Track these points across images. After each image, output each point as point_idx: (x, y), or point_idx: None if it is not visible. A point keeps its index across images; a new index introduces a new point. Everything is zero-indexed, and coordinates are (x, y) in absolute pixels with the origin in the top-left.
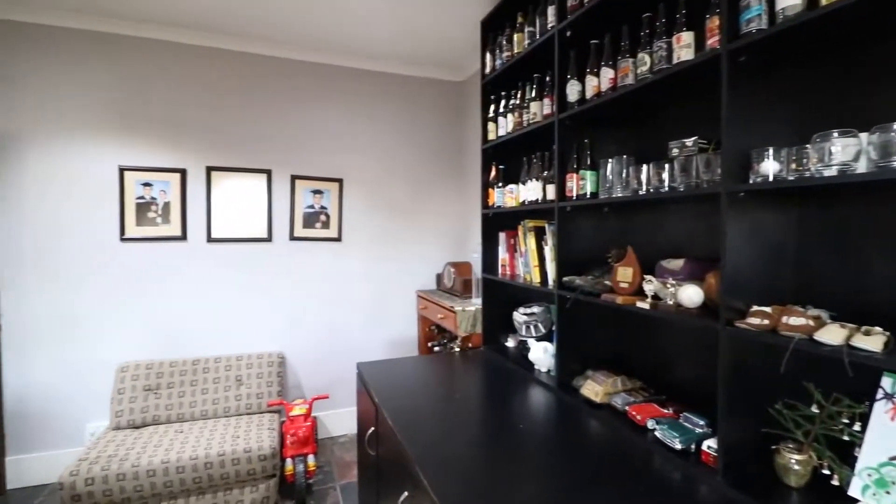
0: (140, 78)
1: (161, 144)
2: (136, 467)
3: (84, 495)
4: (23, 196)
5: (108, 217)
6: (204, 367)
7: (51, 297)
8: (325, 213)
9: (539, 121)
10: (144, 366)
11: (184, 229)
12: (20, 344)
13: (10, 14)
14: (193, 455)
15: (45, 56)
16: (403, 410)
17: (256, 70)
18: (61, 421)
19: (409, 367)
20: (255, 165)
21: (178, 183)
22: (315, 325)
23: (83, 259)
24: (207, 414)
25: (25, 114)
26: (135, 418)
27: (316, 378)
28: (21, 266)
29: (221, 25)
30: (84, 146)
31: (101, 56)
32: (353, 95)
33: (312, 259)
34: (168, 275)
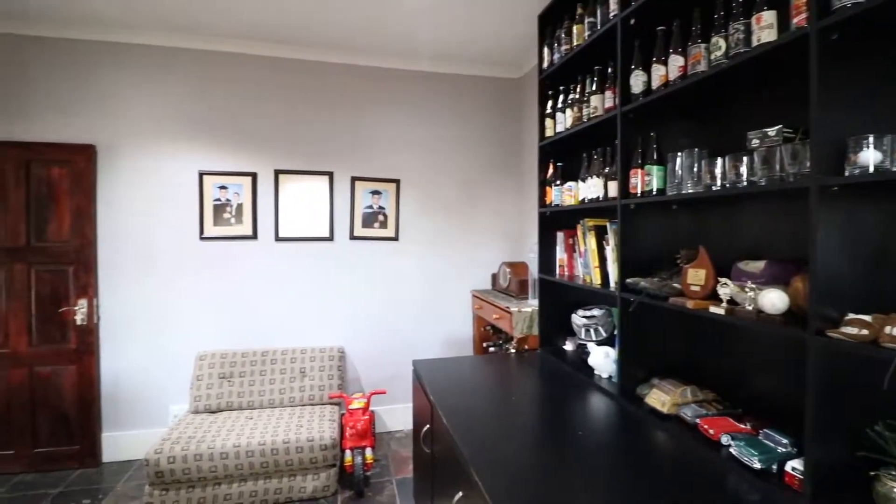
0: (214, 89)
1: (234, 150)
2: (211, 449)
3: (166, 472)
4: (118, 200)
5: (189, 218)
6: (272, 359)
7: (141, 291)
8: (383, 213)
9: (600, 115)
10: (220, 355)
11: (254, 229)
12: (115, 333)
13: (104, 35)
14: (262, 441)
15: (133, 74)
16: (458, 410)
17: (319, 76)
18: (149, 403)
19: (464, 366)
20: (318, 168)
21: (250, 186)
22: (373, 322)
23: (168, 256)
24: (274, 403)
25: (119, 126)
26: (211, 403)
27: (374, 373)
28: (117, 263)
29: (287, 36)
30: (168, 153)
31: (181, 70)
32: (409, 97)
33: (371, 258)
34: (241, 271)
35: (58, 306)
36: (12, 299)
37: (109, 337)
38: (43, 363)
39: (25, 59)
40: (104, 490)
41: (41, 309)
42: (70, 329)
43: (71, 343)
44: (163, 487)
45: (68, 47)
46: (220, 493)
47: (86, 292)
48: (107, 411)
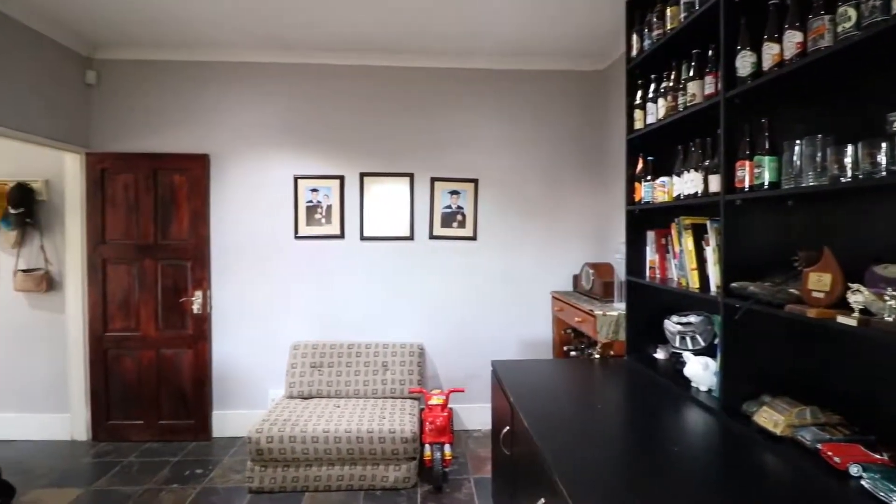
0: (307, 99)
1: (325, 154)
2: (304, 433)
3: (265, 451)
4: (226, 203)
5: (286, 218)
6: (357, 351)
7: (245, 284)
8: (462, 212)
9: (699, 102)
10: (311, 346)
11: (342, 229)
12: (224, 322)
13: (213, 57)
14: (348, 429)
15: (238, 89)
16: (540, 413)
17: (401, 81)
18: (251, 386)
19: (545, 369)
20: (399, 169)
21: (338, 188)
22: (451, 321)
23: (268, 254)
24: (359, 393)
25: (227, 137)
26: (303, 390)
27: (452, 371)
28: (225, 259)
29: (370, 46)
30: (268, 160)
31: (278, 84)
32: (488, 96)
33: (449, 257)
34: (330, 268)
35: (178, 297)
36: (143, 290)
37: (220, 325)
38: (167, 346)
39: (151, 81)
40: (214, 462)
41: (165, 299)
42: (188, 317)
43: (189, 329)
44: (262, 464)
45: (185, 69)
46: (311, 474)
47: (201, 285)
48: (217, 391)
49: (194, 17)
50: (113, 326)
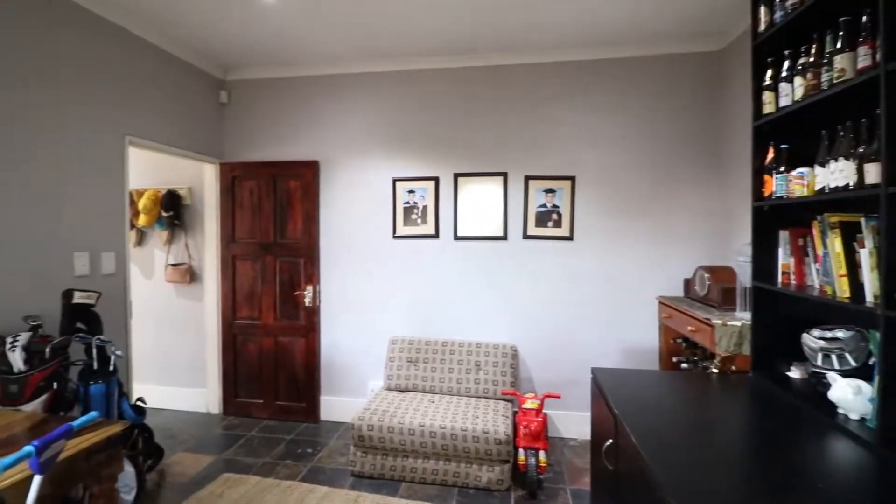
0: (405, 104)
1: (421, 157)
2: (401, 424)
3: (366, 438)
4: (333, 205)
5: (385, 219)
6: (450, 349)
7: (349, 280)
8: (557, 211)
9: (849, 78)
10: (408, 341)
11: (437, 228)
12: (331, 314)
13: (322, 70)
14: (442, 425)
15: (344, 99)
16: (649, 429)
17: (493, 80)
18: (353, 375)
19: (653, 380)
20: (493, 169)
21: (433, 189)
22: (546, 323)
23: (369, 251)
24: (452, 391)
25: (334, 144)
26: (400, 383)
27: (547, 375)
28: (332, 257)
29: (462, 47)
30: (370, 164)
31: (378, 92)
32: (586, 89)
33: (544, 257)
34: (425, 267)
35: (293, 290)
36: (265, 283)
37: (327, 317)
38: (283, 334)
39: (271, 97)
40: (321, 444)
41: (282, 292)
42: (301, 309)
43: (301, 320)
44: (364, 450)
45: (297, 84)
46: (407, 465)
47: (311, 280)
48: (324, 378)
49: (307, 37)
50: (240, 315)
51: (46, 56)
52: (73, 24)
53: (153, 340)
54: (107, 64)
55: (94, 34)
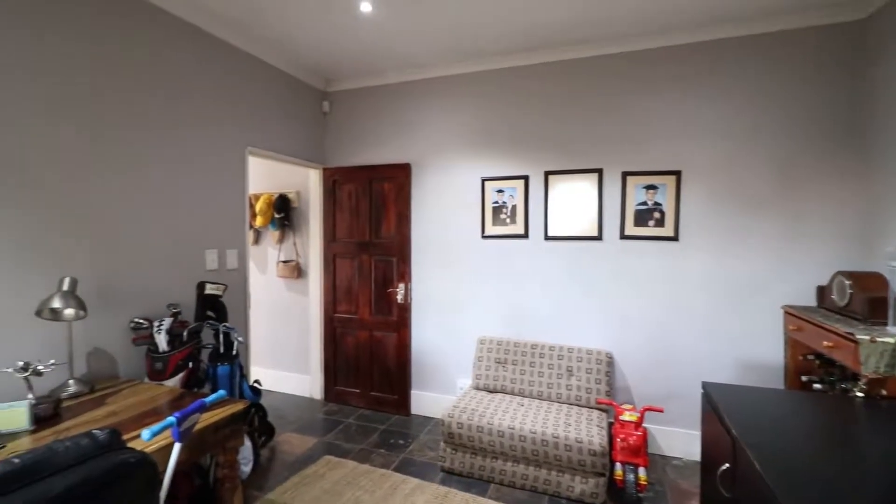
0: (492, 103)
1: (510, 156)
2: (490, 425)
3: (455, 435)
4: (423, 206)
5: (473, 219)
6: (540, 352)
7: (438, 279)
8: (660, 209)
9: None
10: (496, 341)
11: (526, 228)
12: (421, 310)
13: (412, 76)
14: (532, 429)
15: (432, 102)
16: (775, 456)
17: (585, 73)
18: (441, 372)
19: (778, 400)
20: (586, 166)
21: (523, 188)
22: (646, 330)
23: (458, 251)
24: (542, 395)
25: (424, 146)
26: (489, 383)
27: (647, 386)
28: (422, 256)
29: (551, 40)
30: (458, 165)
31: (466, 93)
32: (691, 75)
33: (644, 259)
34: (514, 267)
35: (386, 287)
36: (361, 280)
37: (418, 314)
38: (377, 329)
39: (367, 104)
40: (412, 436)
41: (377, 289)
42: (393, 305)
43: (394, 316)
44: (453, 447)
45: (391, 91)
46: (496, 467)
47: (403, 278)
48: (415, 373)
49: (399, 46)
50: (339, 309)
51: (186, 80)
52: (214, 55)
53: (266, 329)
54: (232, 84)
55: (225, 60)
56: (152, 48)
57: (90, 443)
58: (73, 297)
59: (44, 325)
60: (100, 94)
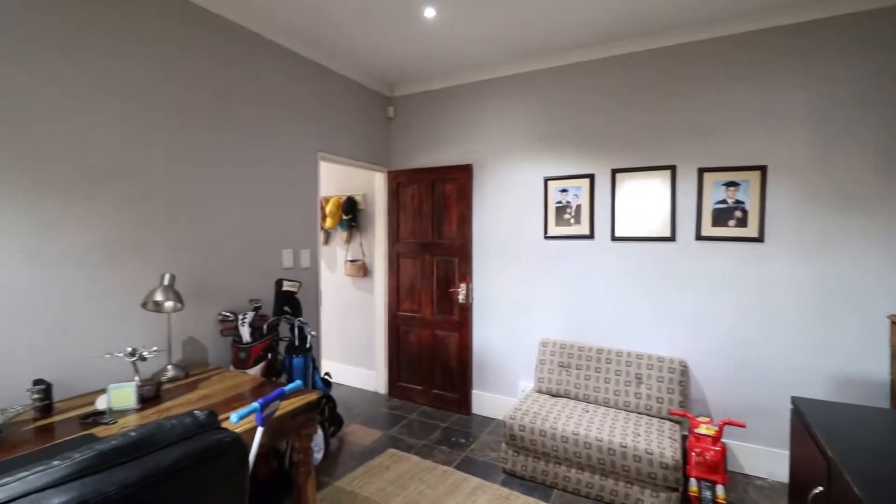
0: (555, 101)
1: (574, 154)
2: (553, 429)
3: (518, 437)
4: (486, 205)
5: (536, 219)
6: (607, 358)
7: (499, 280)
8: (741, 208)
9: None
10: (559, 345)
11: (591, 228)
12: (482, 312)
13: (473, 78)
14: (598, 437)
15: (493, 103)
16: (880, 482)
17: (656, 64)
18: (503, 374)
19: (883, 421)
20: (657, 162)
21: (588, 187)
22: (725, 339)
23: (520, 252)
24: (609, 403)
25: (486, 147)
26: (552, 387)
27: (726, 399)
28: (483, 256)
29: (620, 32)
30: (520, 165)
31: (525, 92)
32: (786, 59)
33: (724, 261)
34: (578, 269)
35: (448, 287)
36: (423, 280)
37: (479, 315)
38: (439, 328)
39: (429, 107)
40: (473, 435)
41: (439, 288)
42: (455, 305)
43: (455, 316)
44: (515, 449)
45: (452, 93)
46: (560, 473)
47: (465, 278)
48: (476, 373)
49: (462, 48)
50: (403, 307)
51: (267, 90)
52: (291, 67)
53: (335, 324)
54: (305, 93)
55: (300, 71)
56: (243, 63)
57: (192, 422)
58: (172, 291)
59: (147, 315)
60: (198, 108)
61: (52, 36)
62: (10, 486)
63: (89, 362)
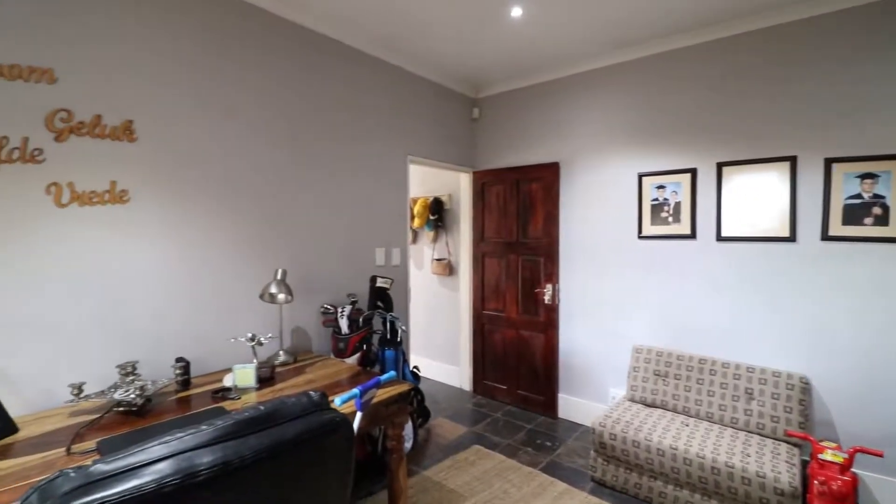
0: (647, 92)
1: (673, 148)
2: (648, 441)
3: (608, 446)
4: (572, 205)
5: (628, 218)
6: (710, 369)
7: (587, 281)
8: (881, 203)
9: None
10: (655, 352)
11: (693, 227)
12: (569, 313)
13: (561, 73)
14: (700, 453)
15: (582, 98)
16: None
17: (760, 47)
18: (591, 378)
19: None
20: (773, 153)
21: (689, 182)
22: (859, 354)
23: (611, 252)
24: (713, 417)
25: (574, 144)
26: (646, 397)
27: (858, 423)
28: (570, 256)
29: (726, 10)
30: (611, 161)
31: (616, 84)
32: None
33: (857, 266)
34: (677, 271)
35: (533, 287)
36: (508, 279)
37: (566, 316)
38: (524, 328)
39: (514, 107)
40: (559, 439)
41: (524, 288)
42: (540, 306)
43: (541, 317)
44: (605, 458)
45: (538, 90)
46: (655, 487)
47: (551, 278)
48: (562, 376)
49: (550, 43)
50: (487, 306)
51: (361, 98)
52: (381, 74)
53: (421, 320)
54: (394, 99)
55: (389, 78)
56: (338, 75)
57: (308, 401)
58: (284, 284)
59: (262, 306)
60: (304, 121)
61: (202, 67)
62: (171, 443)
63: (217, 345)
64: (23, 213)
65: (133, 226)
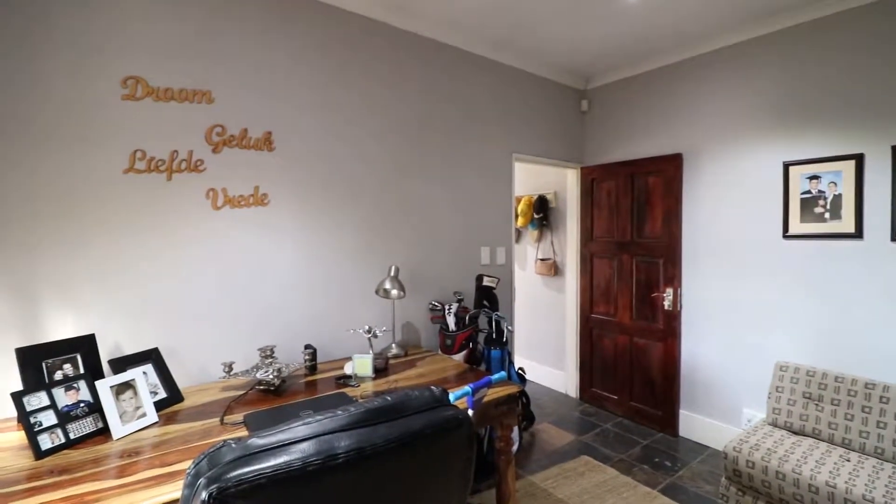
0: (794, 68)
1: (828, 131)
2: (797, 475)
3: (744, 474)
4: (698, 201)
5: (770, 214)
6: (881, 396)
7: (717, 285)
8: None
9: None
10: (805, 371)
11: (858, 225)
12: (693, 322)
13: (676, 57)
14: (868, 495)
15: (708, 81)
16: None
17: None
18: (720, 396)
19: None
20: None
21: (852, 171)
22: None
23: (746, 254)
24: (884, 454)
25: (698, 132)
26: (792, 422)
27: None
28: (696, 258)
29: None
30: (747, 149)
31: (755, 60)
32: None
33: None
34: (835, 277)
35: (650, 291)
36: (620, 282)
37: (689, 324)
38: (639, 336)
39: (626, 96)
40: (680, 461)
41: (639, 292)
42: (659, 312)
43: (659, 324)
44: (739, 487)
45: (654, 77)
46: None
47: (672, 282)
48: (684, 391)
49: (670, 21)
50: (596, 310)
51: (469, 98)
52: (488, 73)
53: (525, 321)
54: (500, 97)
55: (496, 76)
56: (447, 76)
57: (430, 395)
58: (397, 281)
59: (377, 300)
60: (416, 124)
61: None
62: (312, 425)
63: (338, 334)
64: (189, 216)
65: (271, 225)
